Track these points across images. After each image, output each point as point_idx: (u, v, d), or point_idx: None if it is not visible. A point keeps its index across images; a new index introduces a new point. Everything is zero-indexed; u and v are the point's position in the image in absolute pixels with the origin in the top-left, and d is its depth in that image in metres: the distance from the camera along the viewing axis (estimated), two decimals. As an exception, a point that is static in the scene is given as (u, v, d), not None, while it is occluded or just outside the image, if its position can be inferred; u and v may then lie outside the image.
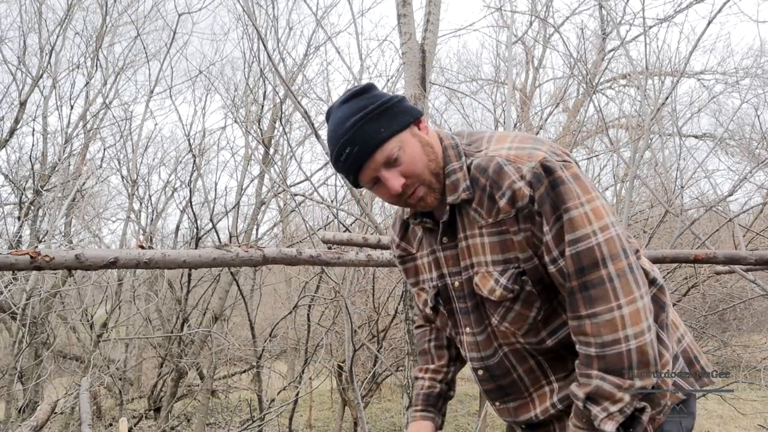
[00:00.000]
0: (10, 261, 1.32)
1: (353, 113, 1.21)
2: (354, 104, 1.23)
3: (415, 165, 1.22)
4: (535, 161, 1.14)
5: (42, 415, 2.23)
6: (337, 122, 1.23)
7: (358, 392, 5.07)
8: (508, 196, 1.16)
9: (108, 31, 9.06)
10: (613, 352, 1.09)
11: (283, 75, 5.49)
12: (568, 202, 1.13)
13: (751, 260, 2.32)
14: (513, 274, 1.20)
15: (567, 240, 1.12)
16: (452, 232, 1.29)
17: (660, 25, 5.17)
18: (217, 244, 1.81)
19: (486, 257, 1.23)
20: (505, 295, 1.21)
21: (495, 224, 1.19)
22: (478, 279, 1.25)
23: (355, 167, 1.22)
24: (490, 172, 1.18)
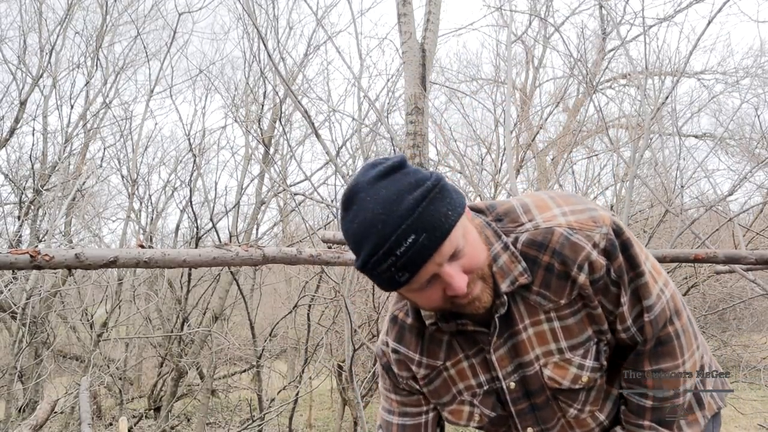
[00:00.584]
0: (10, 260, 1.32)
1: (408, 190, 0.92)
2: (401, 179, 0.93)
3: (478, 257, 0.99)
4: (606, 226, 1.01)
5: (42, 414, 2.23)
6: (386, 202, 0.91)
7: (358, 392, 5.07)
8: (587, 270, 1.01)
9: (108, 31, 9.07)
10: (669, 405, 1.10)
11: (284, 74, 5.49)
12: (640, 266, 1.04)
13: (752, 260, 2.32)
14: (598, 351, 1.09)
15: (645, 306, 1.05)
16: (509, 327, 1.08)
17: (660, 25, 5.18)
18: (217, 244, 1.81)
19: (559, 344, 1.07)
20: (594, 378, 1.10)
21: (570, 304, 1.05)
22: (550, 371, 1.09)
23: (419, 261, 0.92)
24: (557, 246, 1.01)
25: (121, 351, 10.45)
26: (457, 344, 1.14)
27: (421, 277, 0.95)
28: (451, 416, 1.20)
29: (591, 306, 1.05)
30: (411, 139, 3.17)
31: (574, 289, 1.03)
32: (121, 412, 8.64)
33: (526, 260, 1.03)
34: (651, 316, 1.05)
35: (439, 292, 0.98)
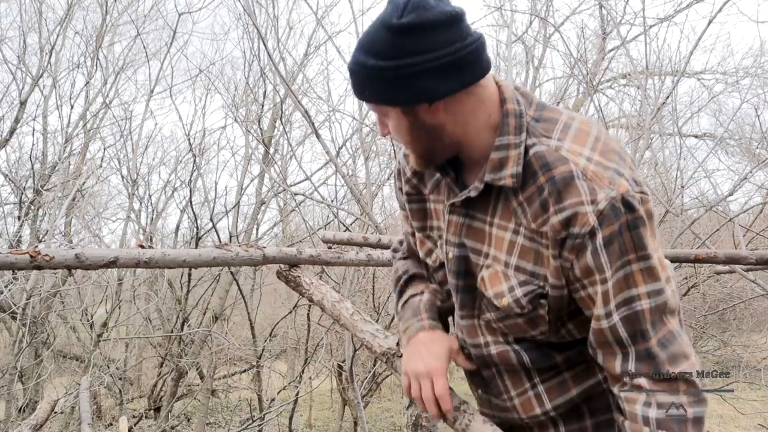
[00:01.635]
0: (10, 260, 1.32)
1: (355, 54, 0.98)
2: (387, 38, 0.93)
3: (397, 136, 1.05)
4: (617, 191, 0.92)
5: (42, 414, 2.23)
6: (358, 41, 0.99)
7: (358, 392, 5.07)
8: (566, 215, 0.94)
9: (108, 31, 9.07)
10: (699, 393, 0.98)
11: (284, 74, 5.49)
12: (647, 249, 0.94)
13: (752, 260, 2.32)
14: (534, 293, 1.02)
15: (645, 291, 0.95)
16: (477, 206, 1.07)
17: (660, 25, 5.18)
18: (217, 244, 1.81)
19: (511, 258, 1.04)
20: (512, 308, 1.04)
21: (537, 233, 0.99)
22: (487, 274, 1.07)
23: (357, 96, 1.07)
24: (557, 178, 0.96)
25: (121, 351, 10.45)
26: (443, 186, 1.14)
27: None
28: (418, 245, 1.24)
29: (549, 250, 0.98)
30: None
31: (546, 224, 0.97)
32: (121, 412, 8.64)
33: (527, 169, 0.99)
34: (653, 302, 0.95)
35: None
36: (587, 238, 0.94)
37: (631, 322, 0.95)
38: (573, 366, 1.13)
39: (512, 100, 1.02)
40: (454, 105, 0.99)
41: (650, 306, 0.95)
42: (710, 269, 6.13)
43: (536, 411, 1.15)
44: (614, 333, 0.97)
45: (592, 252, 0.94)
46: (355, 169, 8.63)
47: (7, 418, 7.05)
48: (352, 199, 6.78)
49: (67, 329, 9.78)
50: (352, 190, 3.85)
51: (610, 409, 1.11)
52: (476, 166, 1.06)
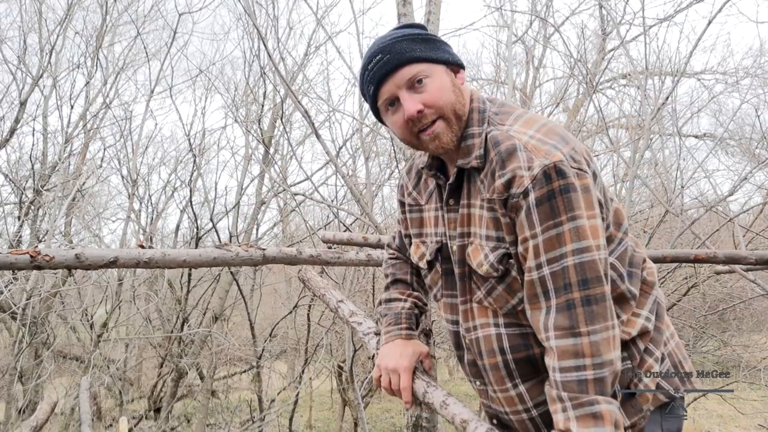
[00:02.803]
0: (10, 260, 1.32)
1: (396, 33, 1.20)
2: (400, 30, 1.21)
3: (440, 97, 1.16)
4: (550, 160, 1.06)
5: (42, 415, 2.23)
6: (380, 38, 1.21)
7: (358, 392, 5.07)
8: (507, 178, 1.09)
9: (108, 31, 9.06)
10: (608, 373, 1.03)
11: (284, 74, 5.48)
12: (576, 211, 1.05)
13: (752, 260, 2.32)
14: (501, 254, 1.15)
15: (572, 248, 1.05)
16: (458, 195, 1.24)
17: (660, 25, 5.17)
18: (218, 244, 1.81)
19: (482, 230, 1.18)
20: (491, 273, 1.16)
21: (491, 201, 1.14)
22: (470, 249, 1.21)
23: (378, 76, 1.17)
24: (502, 149, 1.11)
25: (121, 351, 10.45)
26: (436, 195, 1.32)
27: (383, 94, 1.19)
28: (413, 249, 1.41)
29: (499, 213, 1.13)
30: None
31: (494, 191, 1.12)
32: (121, 412, 8.65)
33: (486, 150, 1.16)
34: (578, 259, 1.04)
35: (401, 117, 1.19)
36: (522, 198, 1.08)
37: (558, 276, 1.06)
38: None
39: (478, 101, 1.23)
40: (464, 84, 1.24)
41: (576, 262, 1.05)
42: (710, 269, 6.13)
43: (518, 407, 1.24)
44: (542, 284, 1.08)
45: (525, 211, 1.08)
46: (355, 169, 8.64)
47: (7, 419, 7.05)
48: (352, 199, 6.78)
49: (67, 329, 9.77)
50: (352, 191, 3.85)
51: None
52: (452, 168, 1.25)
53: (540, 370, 1.19)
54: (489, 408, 1.32)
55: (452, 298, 1.31)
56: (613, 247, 1.18)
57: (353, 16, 3.96)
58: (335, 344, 8.68)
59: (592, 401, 1.01)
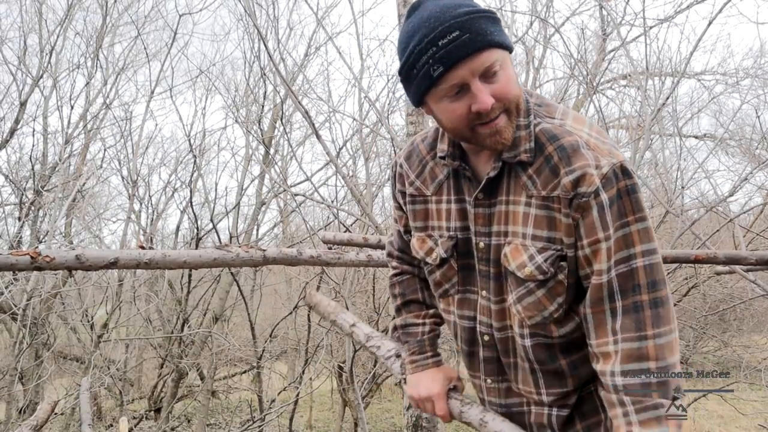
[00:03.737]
0: (10, 261, 1.32)
1: (467, 4, 1.02)
2: (465, 2, 1.03)
3: (510, 90, 1.05)
4: (617, 160, 1.04)
5: (42, 415, 2.23)
6: (444, 6, 1.01)
7: (359, 393, 5.08)
8: (576, 175, 1.03)
9: (108, 31, 9.07)
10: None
11: (284, 75, 5.48)
12: (643, 212, 1.04)
13: (752, 260, 2.32)
14: (553, 255, 1.08)
15: (641, 250, 1.03)
16: (492, 190, 1.15)
17: (660, 26, 5.17)
18: (218, 245, 1.81)
19: (527, 229, 1.10)
20: (535, 276, 1.10)
21: (548, 198, 1.07)
22: (509, 250, 1.13)
23: (455, 56, 0.99)
24: (566, 145, 1.06)
25: (121, 352, 10.45)
26: (447, 186, 1.23)
27: (452, 78, 1.02)
28: (417, 243, 1.31)
29: (561, 212, 1.07)
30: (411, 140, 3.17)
31: (557, 188, 1.06)
32: (121, 413, 8.64)
33: (536, 144, 1.09)
34: (647, 261, 1.03)
35: (465, 107, 1.04)
36: (592, 198, 1.03)
37: (627, 277, 1.03)
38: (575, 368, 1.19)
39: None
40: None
41: (644, 264, 1.03)
42: (710, 270, 6.13)
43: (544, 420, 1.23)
44: (609, 287, 1.04)
45: (597, 211, 1.03)
46: (355, 169, 8.64)
47: (7, 419, 7.05)
48: (353, 199, 6.78)
49: (67, 330, 9.78)
50: (352, 191, 3.86)
51: (598, 411, 1.19)
52: (482, 156, 1.16)
53: (565, 379, 1.20)
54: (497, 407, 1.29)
55: (470, 294, 1.25)
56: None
57: (353, 16, 3.96)
58: (335, 345, 8.68)
59: (656, 405, 1.00)
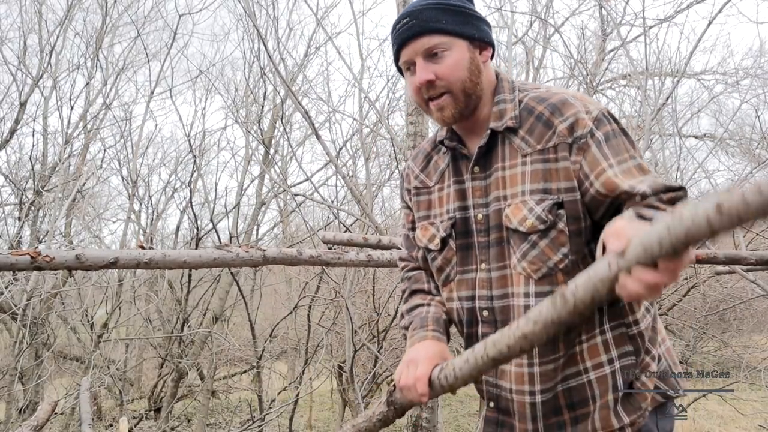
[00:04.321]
0: (10, 261, 1.32)
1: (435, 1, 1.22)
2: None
3: (453, 72, 1.19)
4: (605, 110, 1.16)
5: (42, 415, 2.23)
6: (413, 2, 1.25)
7: (359, 392, 5.08)
8: (570, 122, 1.14)
9: (108, 32, 9.07)
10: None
11: (284, 75, 5.48)
12: (635, 150, 1.15)
13: (752, 260, 2.32)
14: (550, 204, 1.15)
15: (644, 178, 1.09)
16: (486, 162, 1.25)
17: (660, 26, 5.18)
18: (218, 245, 1.81)
19: (524, 186, 1.17)
20: (536, 226, 1.15)
21: (543, 151, 1.16)
22: (509, 210, 1.19)
23: (400, 39, 1.22)
24: (554, 101, 1.17)
25: (121, 352, 10.45)
26: (447, 173, 1.33)
27: (403, 56, 1.23)
28: (421, 233, 1.37)
29: (560, 158, 1.15)
30: (411, 140, 3.17)
31: (553, 137, 1.16)
32: (121, 413, 8.64)
33: (525, 110, 1.21)
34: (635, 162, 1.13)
35: (414, 81, 1.22)
36: (589, 137, 1.13)
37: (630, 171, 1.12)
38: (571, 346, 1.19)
39: (505, 74, 1.29)
40: (488, 62, 1.26)
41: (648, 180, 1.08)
42: (710, 270, 6.12)
43: (524, 387, 1.20)
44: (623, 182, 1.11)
45: (596, 146, 1.13)
46: (355, 169, 8.64)
47: (7, 419, 7.05)
48: (353, 199, 6.78)
49: (67, 330, 9.77)
50: (352, 191, 3.86)
51: (587, 403, 1.17)
52: (475, 136, 1.28)
53: (558, 352, 1.18)
54: (492, 387, 1.28)
55: (468, 273, 1.28)
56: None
57: (353, 16, 3.97)
58: (335, 345, 8.68)
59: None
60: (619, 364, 1.17)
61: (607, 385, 1.16)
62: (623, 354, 1.17)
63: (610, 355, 1.17)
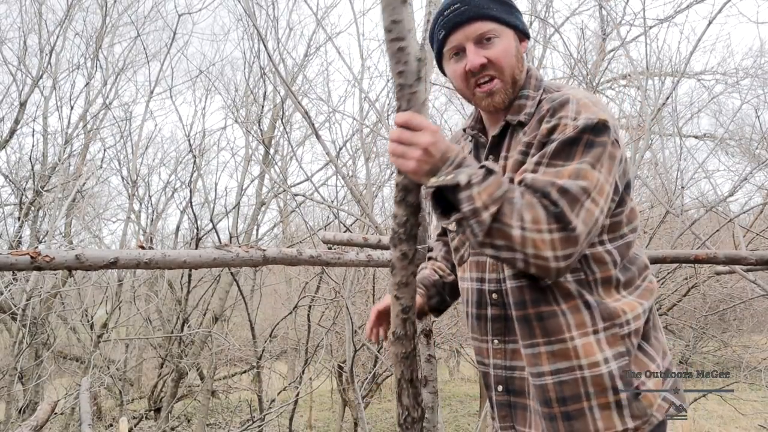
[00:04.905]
0: (10, 261, 1.32)
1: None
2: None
3: (504, 58, 1.24)
4: (597, 117, 1.11)
5: (42, 415, 2.23)
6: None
7: (359, 392, 5.07)
8: (553, 124, 1.14)
9: (108, 32, 9.06)
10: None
11: (284, 75, 5.48)
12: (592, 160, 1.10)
13: (752, 260, 2.32)
14: None
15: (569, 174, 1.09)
16: (497, 151, 1.31)
17: (660, 26, 5.17)
18: (218, 245, 1.81)
19: (507, 175, 1.23)
20: None
21: (528, 144, 1.21)
22: None
23: (451, 23, 1.24)
24: (557, 99, 1.18)
25: (121, 352, 10.44)
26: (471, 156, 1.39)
27: (451, 41, 1.25)
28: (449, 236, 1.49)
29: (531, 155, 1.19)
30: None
31: (537, 134, 1.18)
32: (121, 413, 8.64)
33: (537, 108, 1.24)
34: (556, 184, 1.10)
35: (461, 67, 1.25)
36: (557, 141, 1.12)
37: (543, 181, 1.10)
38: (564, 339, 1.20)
39: (535, 71, 1.32)
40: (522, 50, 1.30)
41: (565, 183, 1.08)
42: (710, 270, 6.12)
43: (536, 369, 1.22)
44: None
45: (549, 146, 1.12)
46: (355, 169, 8.63)
47: (7, 419, 7.04)
48: (353, 199, 6.78)
49: (67, 330, 9.77)
50: (352, 191, 3.85)
51: (580, 400, 1.17)
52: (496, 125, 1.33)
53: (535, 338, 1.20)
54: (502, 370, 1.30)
55: (481, 255, 1.32)
56: (616, 238, 1.22)
57: (353, 16, 3.96)
58: (335, 344, 8.68)
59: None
60: (615, 365, 1.17)
61: (605, 386, 1.16)
62: (618, 355, 1.17)
63: (605, 354, 1.17)
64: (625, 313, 1.19)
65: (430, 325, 2.21)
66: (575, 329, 1.18)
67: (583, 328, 1.18)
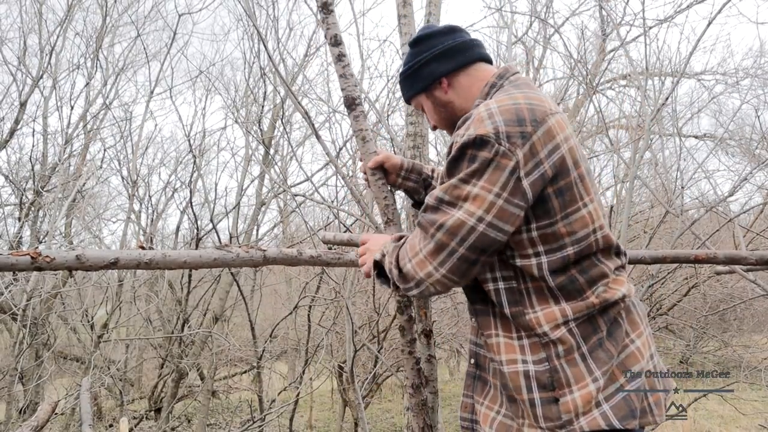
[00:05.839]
0: (10, 262, 1.32)
1: (402, 64, 1.53)
2: (408, 55, 1.51)
3: (438, 120, 1.50)
4: (476, 133, 1.18)
5: (43, 415, 2.23)
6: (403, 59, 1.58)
7: (359, 393, 5.07)
8: (450, 143, 1.26)
9: (108, 32, 9.07)
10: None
11: (284, 75, 5.48)
12: (468, 176, 1.19)
13: (752, 260, 2.32)
14: None
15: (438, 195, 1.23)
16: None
17: (660, 26, 5.17)
18: (218, 245, 1.81)
19: None
20: None
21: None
22: None
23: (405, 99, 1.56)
24: (462, 120, 1.28)
25: (121, 352, 10.44)
26: None
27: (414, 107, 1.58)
28: None
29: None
30: (411, 140, 3.17)
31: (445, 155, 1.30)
32: (121, 413, 8.64)
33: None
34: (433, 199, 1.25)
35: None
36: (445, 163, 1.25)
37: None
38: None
39: (496, 77, 1.39)
40: (455, 83, 1.43)
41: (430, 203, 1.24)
42: (710, 270, 6.12)
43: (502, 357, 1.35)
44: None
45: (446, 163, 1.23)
46: (355, 170, 8.62)
47: (7, 420, 7.04)
48: (353, 200, 6.78)
49: (67, 330, 9.77)
50: (352, 191, 3.85)
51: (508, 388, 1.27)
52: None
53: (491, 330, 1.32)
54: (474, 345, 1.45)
55: None
56: (553, 249, 1.23)
57: (353, 17, 3.96)
58: (336, 345, 8.68)
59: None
60: (533, 367, 1.22)
61: (518, 383, 1.23)
62: (538, 360, 1.23)
63: (525, 356, 1.24)
64: (540, 325, 1.23)
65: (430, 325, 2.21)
66: (501, 329, 1.30)
67: (507, 331, 1.29)
